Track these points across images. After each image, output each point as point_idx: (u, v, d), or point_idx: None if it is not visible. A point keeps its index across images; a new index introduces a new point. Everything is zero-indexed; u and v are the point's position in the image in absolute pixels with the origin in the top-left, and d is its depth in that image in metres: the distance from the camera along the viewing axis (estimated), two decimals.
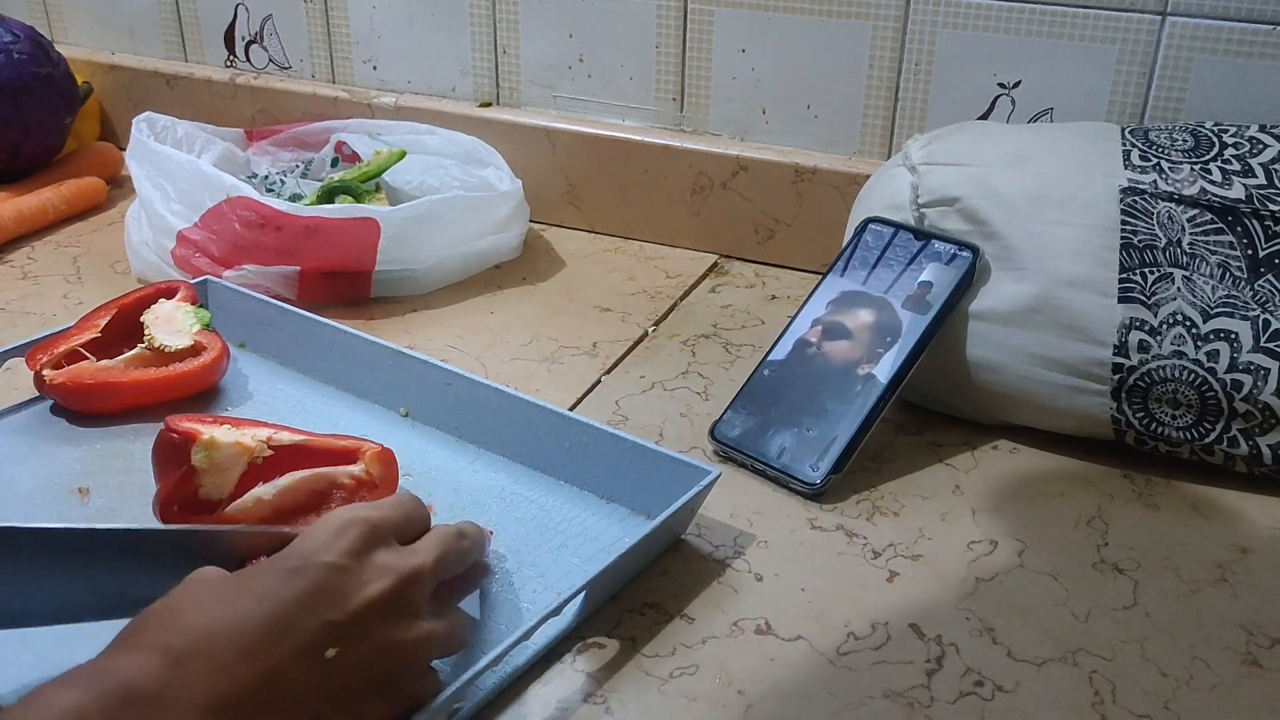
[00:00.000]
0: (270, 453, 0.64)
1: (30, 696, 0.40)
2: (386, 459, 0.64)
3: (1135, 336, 0.67)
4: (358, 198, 0.94)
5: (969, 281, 0.70)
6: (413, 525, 0.53)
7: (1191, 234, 0.67)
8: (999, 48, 0.84)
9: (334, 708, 0.45)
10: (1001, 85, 0.86)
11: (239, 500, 0.62)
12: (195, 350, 0.74)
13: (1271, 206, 0.67)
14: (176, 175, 0.89)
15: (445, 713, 0.49)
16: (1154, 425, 0.67)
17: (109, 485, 0.66)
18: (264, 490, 0.62)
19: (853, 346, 0.71)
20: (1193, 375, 0.66)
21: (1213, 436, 0.67)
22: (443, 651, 0.51)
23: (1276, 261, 0.66)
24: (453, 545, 0.53)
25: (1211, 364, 0.66)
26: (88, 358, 0.73)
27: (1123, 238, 0.68)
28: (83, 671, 0.42)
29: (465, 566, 0.55)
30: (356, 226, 0.85)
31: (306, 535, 0.49)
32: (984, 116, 0.87)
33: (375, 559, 0.49)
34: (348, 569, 0.47)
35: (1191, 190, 0.68)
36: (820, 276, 0.75)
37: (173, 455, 0.63)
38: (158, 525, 0.61)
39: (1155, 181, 0.69)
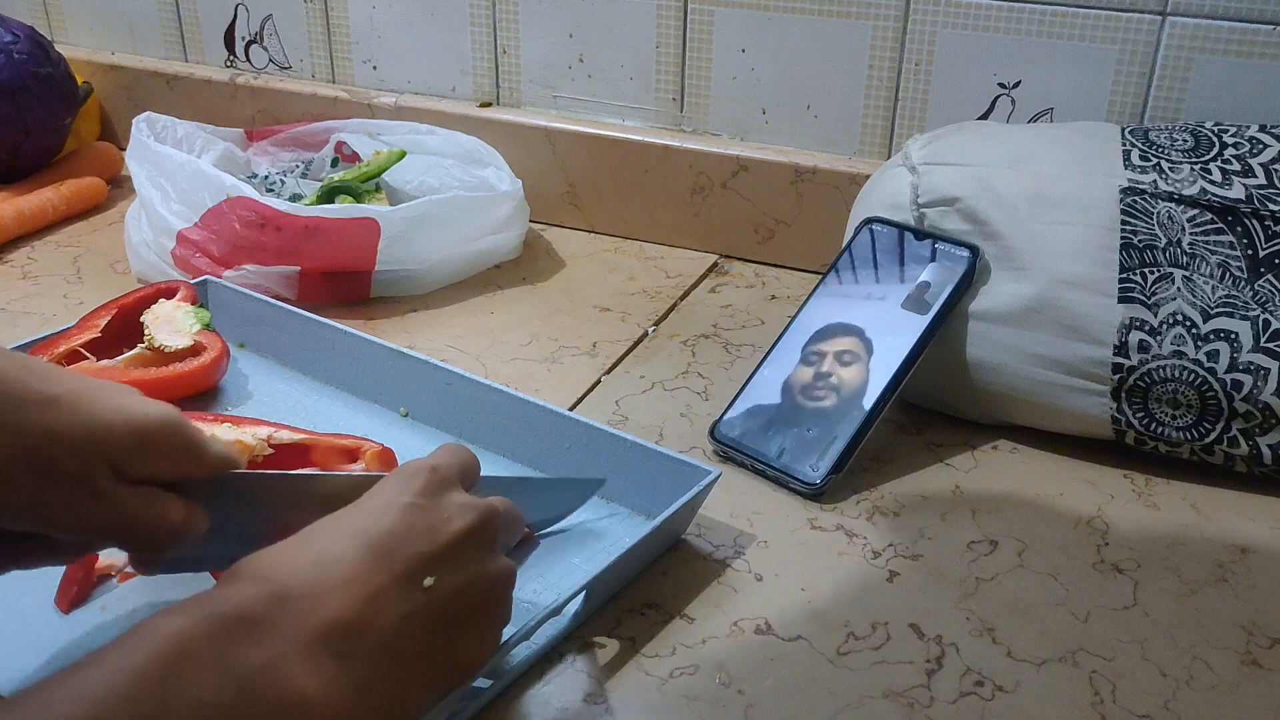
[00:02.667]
0: (271, 451, 0.64)
1: (136, 626, 0.40)
2: (387, 459, 0.64)
3: (1135, 336, 0.67)
4: (358, 198, 0.94)
5: (969, 281, 0.70)
6: (469, 474, 0.53)
7: (1191, 234, 0.67)
8: (999, 48, 0.84)
9: (436, 638, 0.46)
10: (1001, 85, 0.86)
11: None
12: (195, 350, 0.74)
13: (1271, 206, 0.67)
14: (176, 175, 0.89)
15: (445, 713, 0.49)
16: (1154, 425, 0.67)
17: None
18: None
19: (852, 353, 0.71)
20: (1193, 375, 0.66)
21: (1213, 436, 0.67)
22: (509, 592, 0.51)
23: (1276, 261, 0.66)
24: (506, 503, 0.53)
25: (1211, 364, 0.66)
26: (88, 358, 0.73)
27: (1123, 238, 0.68)
28: (190, 601, 0.42)
29: (518, 527, 0.55)
30: (356, 226, 0.85)
31: (380, 484, 0.50)
32: (984, 116, 0.87)
33: (450, 499, 0.49)
34: (427, 507, 0.48)
35: (1191, 190, 0.68)
36: (820, 276, 0.75)
37: None
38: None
39: (1155, 181, 0.69)
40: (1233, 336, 0.65)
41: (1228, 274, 0.66)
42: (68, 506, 0.46)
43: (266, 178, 1.00)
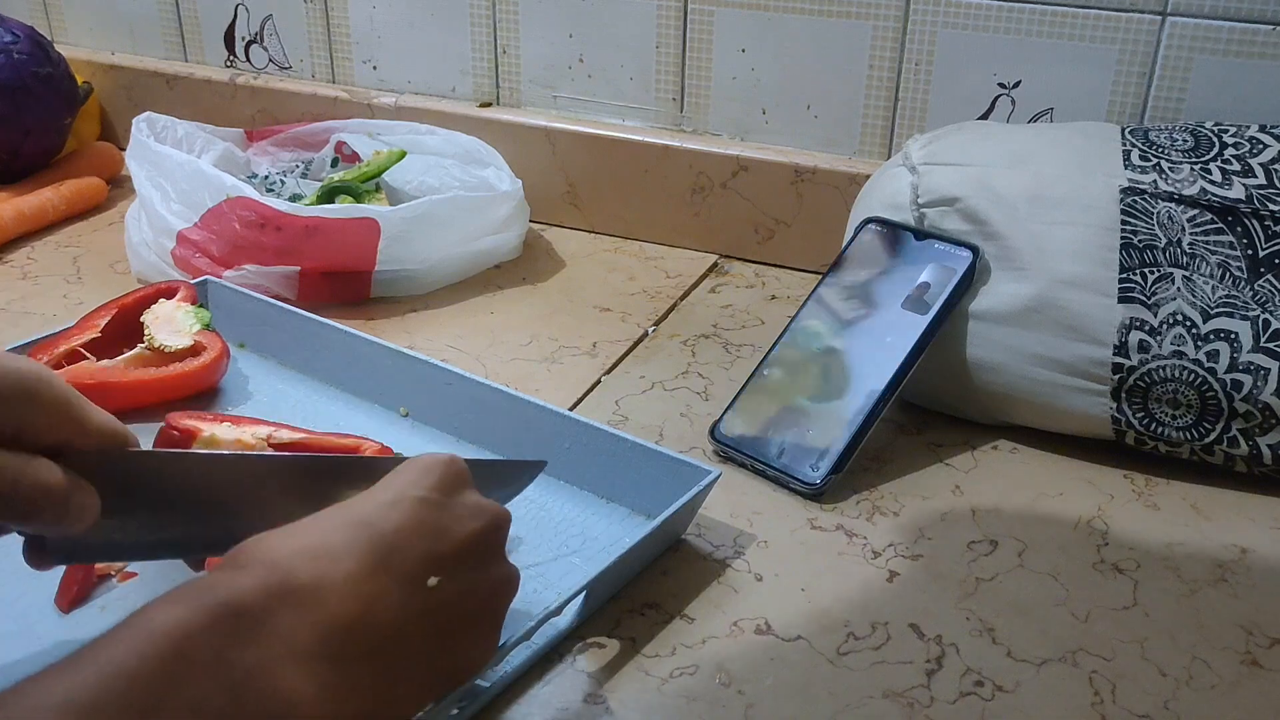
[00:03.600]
0: (270, 450, 0.64)
1: (131, 617, 0.39)
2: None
3: (1135, 336, 0.67)
4: (358, 198, 0.94)
5: (969, 281, 0.70)
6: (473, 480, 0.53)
7: (1191, 234, 0.67)
8: (999, 48, 0.84)
9: (434, 642, 0.45)
10: (1001, 85, 0.86)
11: None
12: (195, 350, 0.74)
13: (1271, 206, 0.67)
14: (176, 175, 0.89)
15: (445, 713, 0.49)
16: (1154, 425, 0.67)
17: None
18: None
19: (852, 353, 0.71)
20: (1193, 375, 0.66)
21: (1213, 436, 0.67)
22: (509, 601, 0.51)
23: (1276, 261, 0.66)
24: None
25: (1211, 364, 0.66)
26: (88, 358, 0.73)
27: (1123, 238, 0.68)
28: (187, 589, 0.41)
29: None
30: (356, 226, 0.85)
31: (395, 473, 0.49)
32: (984, 116, 0.87)
33: (464, 498, 0.48)
34: (441, 504, 0.47)
35: (1191, 190, 0.68)
36: (820, 276, 0.75)
37: None
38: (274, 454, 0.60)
39: (1155, 181, 0.69)
40: (1233, 336, 0.65)
41: (1228, 274, 0.66)
42: None
43: (266, 178, 1.00)
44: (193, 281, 0.81)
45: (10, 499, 0.44)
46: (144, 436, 0.68)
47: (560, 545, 0.62)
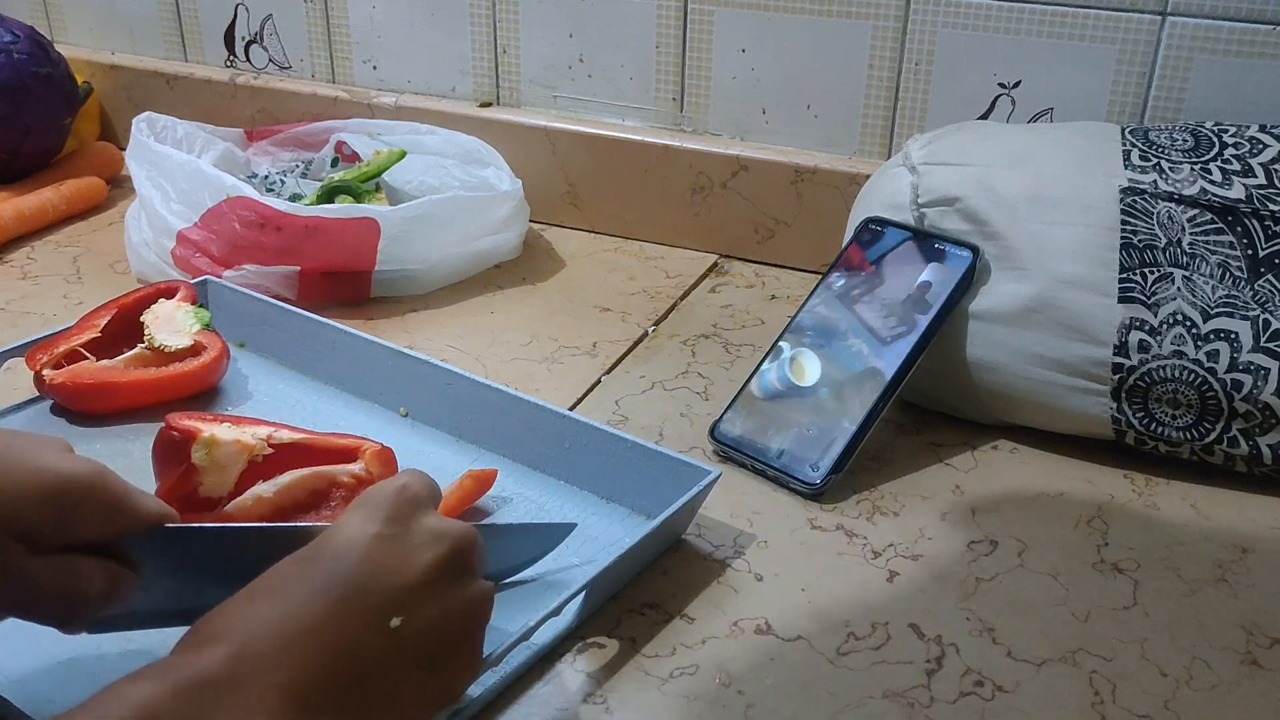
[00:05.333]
0: (270, 451, 0.64)
1: (102, 692, 0.40)
2: (386, 458, 0.64)
3: (1135, 336, 0.67)
4: (358, 198, 0.94)
5: (969, 281, 0.70)
6: (435, 495, 0.51)
7: (1191, 234, 0.67)
8: (999, 48, 0.84)
9: (409, 676, 0.45)
10: (1001, 85, 0.86)
11: (239, 498, 0.62)
12: (195, 350, 0.74)
13: (1271, 206, 0.67)
14: (176, 175, 0.89)
15: (446, 713, 0.49)
16: (1154, 425, 0.67)
17: None
18: (264, 488, 0.62)
19: (852, 353, 0.71)
20: (1193, 375, 0.66)
21: (1213, 436, 0.67)
22: (487, 617, 0.50)
23: (1276, 261, 0.66)
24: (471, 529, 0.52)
25: (1211, 364, 0.66)
26: (88, 358, 0.73)
27: (1123, 238, 0.68)
28: (154, 667, 0.41)
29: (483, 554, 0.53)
30: (356, 226, 0.85)
31: (346, 516, 0.48)
32: (984, 116, 0.87)
33: (421, 523, 0.48)
34: (396, 536, 0.46)
35: (1191, 190, 0.68)
36: (820, 276, 0.75)
37: (173, 453, 0.63)
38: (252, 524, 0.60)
39: (1155, 181, 0.69)
40: (1233, 336, 0.65)
41: (1228, 274, 0.66)
42: None
43: (266, 178, 1.00)
44: (193, 281, 0.81)
45: (50, 608, 0.46)
46: (144, 436, 0.68)
47: (560, 545, 0.62)
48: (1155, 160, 0.70)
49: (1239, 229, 0.67)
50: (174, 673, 0.41)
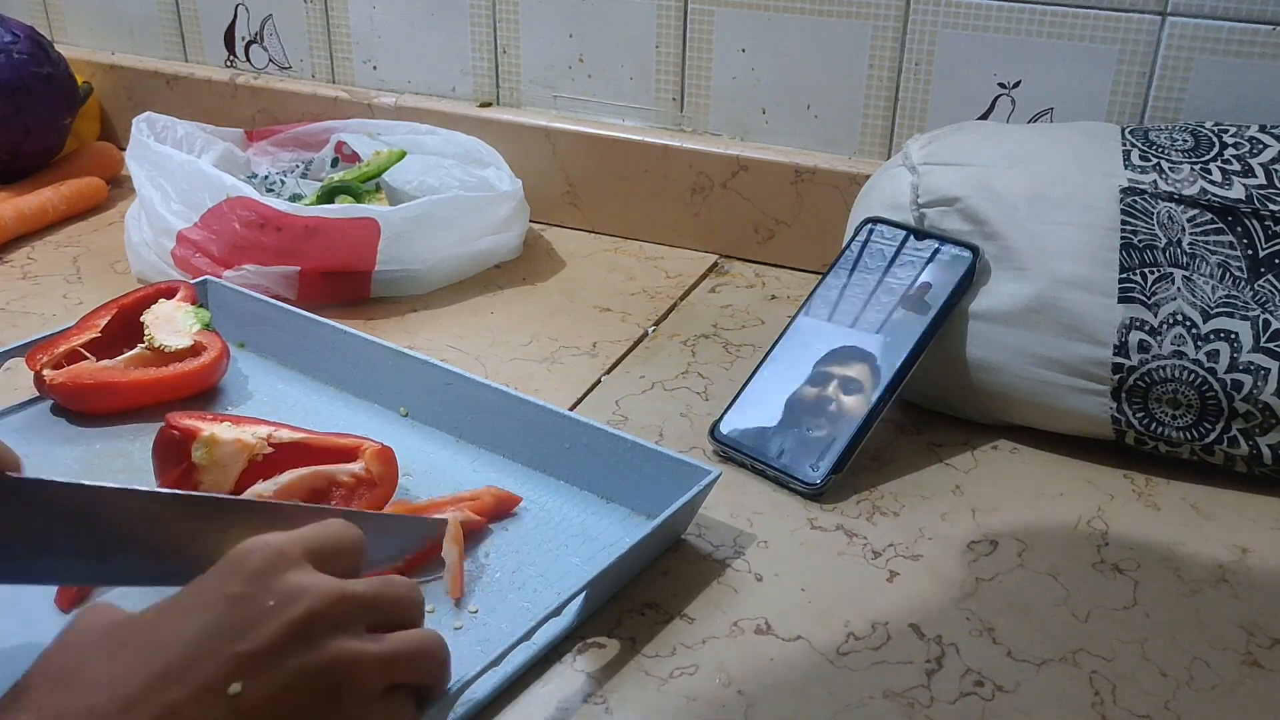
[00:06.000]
0: (271, 450, 0.64)
1: None
2: (386, 457, 0.64)
3: (1135, 336, 0.67)
4: (358, 198, 0.94)
5: (969, 281, 0.70)
6: (337, 553, 0.47)
7: (1191, 234, 0.67)
8: (999, 48, 0.84)
9: None
10: (1001, 85, 0.86)
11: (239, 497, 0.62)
12: (195, 350, 0.74)
13: (1271, 206, 0.67)
14: (176, 175, 0.89)
15: (446, 713, 0.49)
16: (1154, 425, 0.67)
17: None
18: (264, 487, 0.62)
19: (852, 353, 0.71)
20: (1193, 375, 0.66)
21: (1213, 436, 0.67)
22: (402, 675, 0.45)
23: (1276, 261, 0.66)
24: (376, 582, 0.47)
25: (1211, 364, 0.66)
26: (88, 358, 0.73)
27: (1123, 238, 0.68)
28: None
29: (394, 613, 0.47)
30: (356, 226, 0.85)
31: (214, 569, 0.45)
32: (984, 116, 0.87)
33: (283, 581, 0.43)
34: (250, 597, 0.43)
35: (1191, 190, 0.68)
36: (820, 276, 0.75)
37: (173, 452, 0.63)
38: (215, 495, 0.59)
39: (1155, 181, 0.69)
40: (1233, 336, 0.65)
41: (1228, 274, 0.66)
42: None
43: (266, 178, 1.00)
44: (193, 281, 0.81)
45: None
46: (144, 436, 0.68)
47: (560, 545, 0.62)
48: (1155, 160, 0.70)
49: (1239, 229, 0.67)
50: None
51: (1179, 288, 0.67)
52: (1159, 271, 0.67)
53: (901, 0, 0.86)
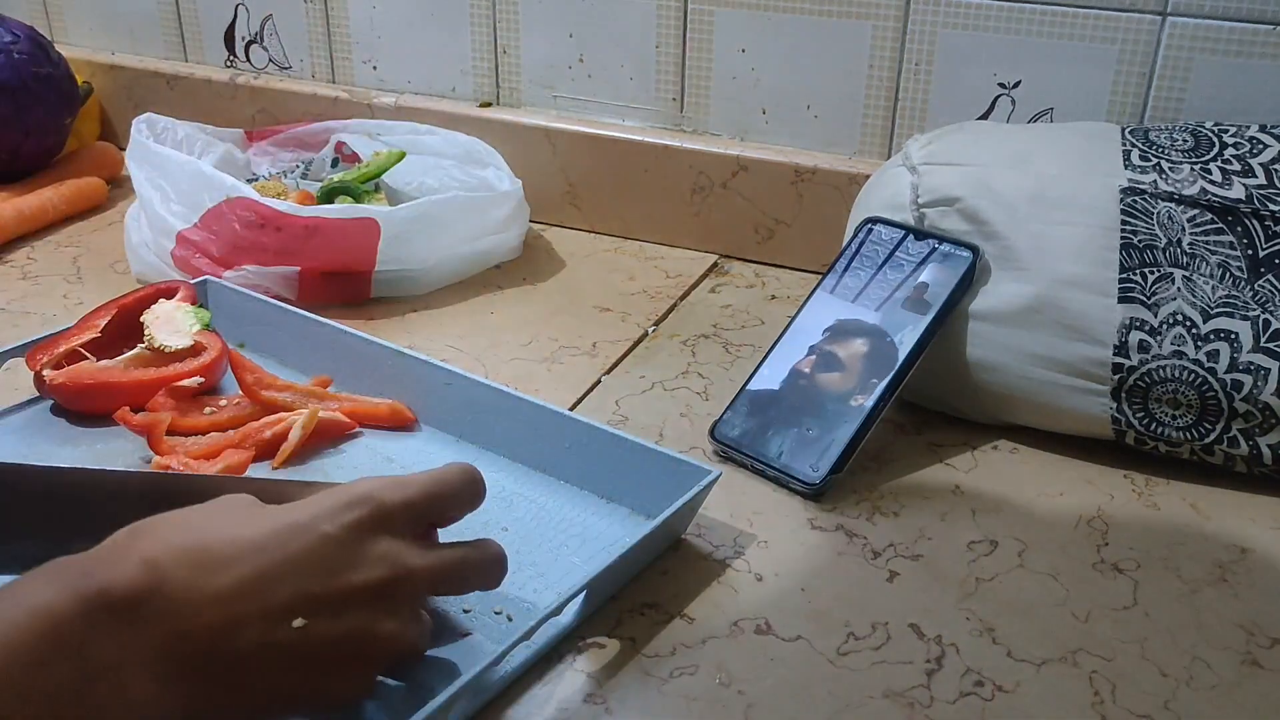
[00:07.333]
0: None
1: (7, 588, 0.40)
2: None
3: (1135, 336, 0.67)
4: (357, 199, 0.94)
5: (969, 281, 0.70)
6: (443, 506, 0.51)
7: (1191, 234, 0.67)
8: (999, 48, 0.84)
9: (290, 676, 0.45)
10: (1001, 85, 0.86)
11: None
12: (195, 350, 0.74)
13: (1271, 206, 0.67)
14: (176, 176, 0.89)
15: (446, 712, 0.49)
16: (1154, 425, 0.67)
17: None
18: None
19: (852, 353, 0.71)
20: (1193, 375, 0.66)
21: (1213, 436, 0.67)
22: (403, 655, 0.49)
23: (1276, 261, 0.66)
24: (456, 567, 0.51)
25: (1211, 364, 0.66)
26: (88, 358, 0.73)
27: (1123, 238, 0.68)
28: (65, 569, 0.41)
29: (467, 587, 0.53)
30: (356, 227, 0.85)
31: (320, 496, 0.48)
32: (984, 116, 0.87)
33: (376, 545, 0.47)
34: (344, 544, 0.46)
35: (1191, 190, 0.68)
36: (820, 276, 0.75)
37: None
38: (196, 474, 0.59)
39: (1155, 181, 0.69)
40: (1233, 336, 0.65)
41: (1228, 274, 0.66)
42: None
43: (267, 178, 1.00)
44: (193, 282, 0.81)
45: None
46: (144, 437, 0.68)
47: (560, 545, 0.62)
48: (1155, 160, 0.70)
49: (1239, 229, 0.67)
50: (84, 581, 0.41)
51: (1179, 288, 0.67)
52: (1159, 271, 0.67)
53: (901, 0, 0.86)
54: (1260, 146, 0.70)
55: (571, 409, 0.74)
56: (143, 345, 0.74)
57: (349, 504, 0.47)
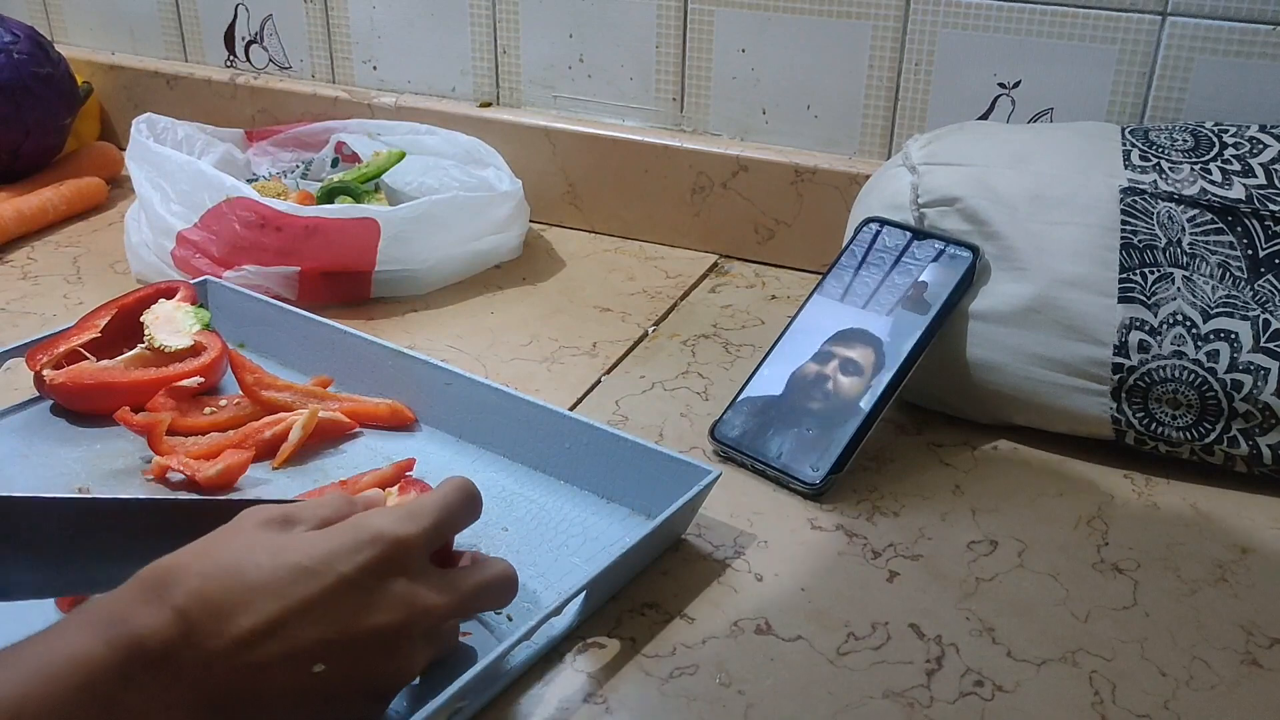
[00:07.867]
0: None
1: (40, 635, 0.40)
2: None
3: (1135, 336, 0.67)
4: (357, 199, 0.94)
5: (969, 281, 0.70)
6: (450, 531, 0.52)
7: (1191, 234, 0.67)
8: (999, 48, 0.84)
9: (305, 712, 0.46)
10: (1001, 85, 0.86)
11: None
12: (195, 350, 0.74)
13: (1271, 206, 0.67)
14: (176, 176, 0.89)
15: (446, 713, 0.49)
16: (1154, 425, 0.67)
17: (109, 485, 0.66)
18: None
19: (852, 353, 0.71)
20: (1193, 375, 0.66)
21: (1213, 436, 0.67)
22: (419, 676, 0.51)
23: (1276, 261, 0.66)
24: (471, 600, 0.51)
25: (1211, 364, 0.66)
26: (88, 358, 0.73)
27: (1123, 238, 0.68)
28: (96, 613, 0.42)
29: (480, 611, 0.54)
30: (356, 227, 0.85)
31: (332, 533, 0.48)
32: (984, 116, 0.87)
33: (393, 586, 0.47)
34: (361, 588, 0.46)
35: (1191, 190, 0.68)
36: (820, 277, 0.75)
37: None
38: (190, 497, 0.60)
39: (1155, 181, 0.69)
40: (1233, 336, 0.65)
41: (1228, 274, 0.66)
42: None
43: (267, 178, 1.00)
44: (193, 282, 0.81)
45: None
46: (144, 437, 0.68)
47: (560, 545, 0.62)
48: (1155, 160, 0.70)
49: (1239, 229, 0.67)
50: (117, 627, 0.41)
51: (1179, 288, 0.67)
52: (1159, 271, 0.67)
53: (901, 0, 0.86)
54: (1260, 146, 0.70)
55: (571, 409, 0.74)
56: (143, 345, 0.74)
57: (363, 544, 0.47)
